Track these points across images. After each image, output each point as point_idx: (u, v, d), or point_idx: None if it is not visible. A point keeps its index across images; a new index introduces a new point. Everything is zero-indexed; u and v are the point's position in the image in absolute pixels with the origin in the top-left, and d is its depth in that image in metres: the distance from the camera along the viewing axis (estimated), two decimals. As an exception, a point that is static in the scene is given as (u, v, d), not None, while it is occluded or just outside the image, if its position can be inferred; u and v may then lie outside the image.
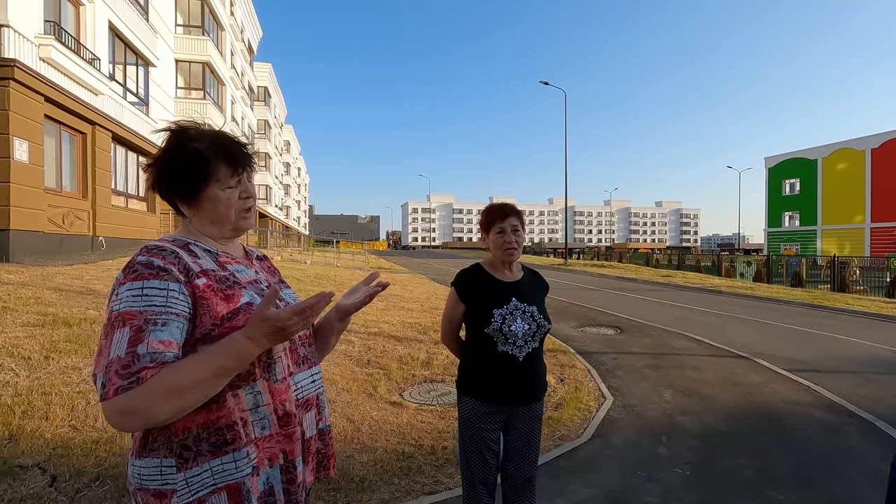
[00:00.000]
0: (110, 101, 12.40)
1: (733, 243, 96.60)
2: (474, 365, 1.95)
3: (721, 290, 15.68)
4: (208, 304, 0.99)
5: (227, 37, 24.83)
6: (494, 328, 1.87)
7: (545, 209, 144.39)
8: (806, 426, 4.14)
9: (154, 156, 1.10)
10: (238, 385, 1.00)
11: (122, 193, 13.66)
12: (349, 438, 3.46)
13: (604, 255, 44.36)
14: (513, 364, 1.88)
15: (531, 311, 1.93)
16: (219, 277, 1.04)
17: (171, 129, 1.10)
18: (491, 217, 2.01)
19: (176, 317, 0.94)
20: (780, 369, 5.91)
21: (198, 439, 0.96)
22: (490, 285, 1.97)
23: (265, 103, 40.02)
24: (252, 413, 1.01)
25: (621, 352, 6.81)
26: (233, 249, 1.18)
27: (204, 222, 1.12)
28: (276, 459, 1.04)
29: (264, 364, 1.04)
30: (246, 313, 1.01)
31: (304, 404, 1.11)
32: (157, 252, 0.99)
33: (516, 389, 1.91)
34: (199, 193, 1.09)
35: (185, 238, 1.09)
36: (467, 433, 1.94)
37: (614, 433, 3.91)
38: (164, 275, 0.96)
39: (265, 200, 39.99)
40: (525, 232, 2.05)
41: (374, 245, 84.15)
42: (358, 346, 5.90)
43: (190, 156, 1.07)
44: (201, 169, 1.07)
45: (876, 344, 7.63)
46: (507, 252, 1.96)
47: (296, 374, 1.10)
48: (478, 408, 1.92)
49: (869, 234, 35.11)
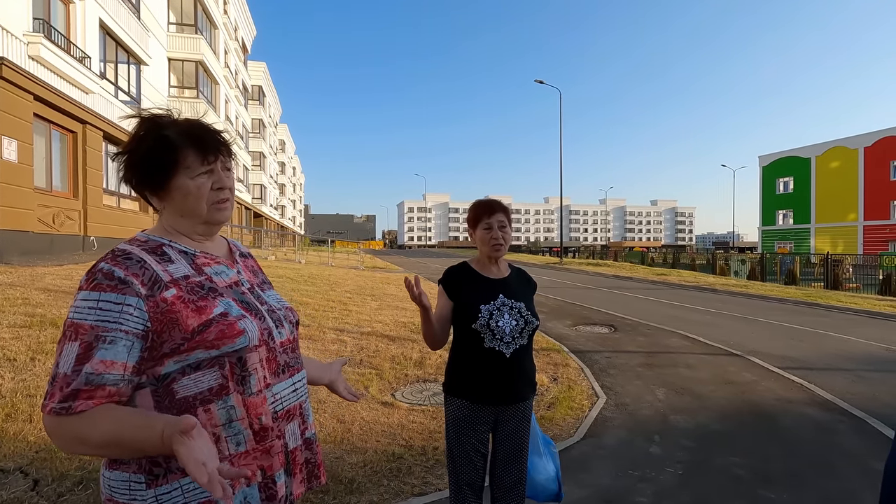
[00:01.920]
0: (101, 99, 12.29)
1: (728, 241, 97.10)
2: (461, 363, 1.93)
3: (715, 288, 15.73)
4: (178, 317, 0.93)
5: (221, 35, 24.69)
6: (481, 323, 1.85)
7: (541, 208, 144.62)
8: (799, 424, 4.13)
9: (123, 144, 1.04)
10: (210, 399, 0.95)
11: (114, 193, 13.55)
12: (339, 440, 3.42)
13: (599, 254, 44.51)
14: (500, 361, 1.86)
15: (518, 307, 1.91)
16: (192, 286, 0.98)
17: (143, 117, 1.05)
18: (478, 213, 1.99)
19: (125, 335, 0.89)
20: (774, 367, 5.91)
21: (168, 456, 0.90)
22: (477, 281, 1.96)
23: (259, 102, 39.84)
24: (225, 429, 0.96)
25: (615, 350, 6.80)
26: (214, 248, 1.12)
27: (174, 216, 1.05)
28: (254, 478, 0.98)
29: (238, 377, 0.98)
30: (219, 324, 0.96)
31: (285, 415, 1.05)
32: (121, 260, 0.93)
33: (504, 387, 1.88)
34: (167, 182, 1.02)
35: (160, 238, 1.03)
36: (454, 435, 1.91)
37: (607, 432, 3.89)
38: (124, 288, 0.90)
39: (260, 200, 39.82)
40: (512, 229, 2.03)
41: (370, 244, 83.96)
42: (350, 346, 5.86)
43: (157, 142, 1.00)
44: (169, 156, 1.00)
45: (868, 341, 7.65)
46: (494, 248, 1.95)
47: (273, 385, 1.03)
48: (465, 409, 1.89)
49: (862, 232, 35.32)
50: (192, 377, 0.94)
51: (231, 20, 27.48)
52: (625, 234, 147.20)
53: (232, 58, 27.90)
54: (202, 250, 1.07)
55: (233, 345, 0.96)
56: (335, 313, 7.78)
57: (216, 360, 0.95)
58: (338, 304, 8.60)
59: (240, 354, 0.98)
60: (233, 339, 0.96)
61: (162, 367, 0.93)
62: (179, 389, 0.93)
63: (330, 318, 7.32)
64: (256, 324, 1.02)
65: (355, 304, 8.88)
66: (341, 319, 7.37)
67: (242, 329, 0.98)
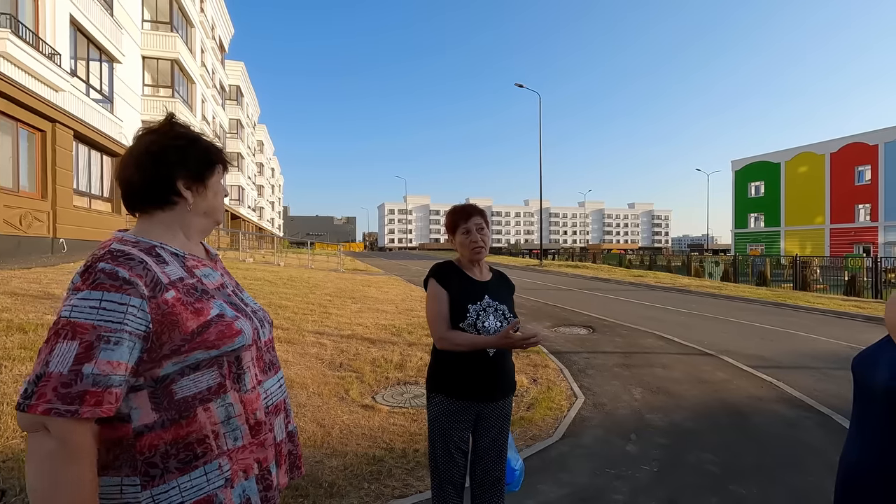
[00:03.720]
0: (72, 98, 11.94)
1: (703, 244, 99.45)
2: (446, 361, 1.96)
3: (690, 289, 16.09)
4: (178, 319, 0.94)
5: (197, 34, 24.24)
6: (469, 322, 1.90)
7: (521, 210, 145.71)
8: (768, 421, 4.27)
9: (180, 127, 1.11)
10: (209, 399, 0.97)
11: (85, 194, 13.18)
12: (319, 443, 3.40)
13: (578, 256, 45.06)
14: (483, 359, 1.91)
15: (503, 309, 1.98)
16: (187, 288, 1.00)
17: (180, 122, 1.14)
18: (455, 219, 2.03)
19: (129, 335, 0.88)
20: (745, 366, 6.09)
21: (166, 456, 0.92)
22: (464, 281, 2.00)
23: (237, 102, 39.23)
24: (224, 425, 0.98)
25: (593, 351, 6.91)
26: (197, 250, 1.14)
27: (196, 214, 1.11)
28: (252, 470, 1.02)
29: (234, 375, 1.01)
30: (217, 325, 0.98)
31: (274, 410, 1.10)
32: (123, 261, 0.92)
33: (486, 384, 1.93)
34: (208, 179, 1.12)
35: (150, 240, 1.03)
36: (436, 433, 1.94)
37: (585, 432, 3.96)
38: (128, 288, 0.89)
39: (238, 201, 39.18)
40: (490, 230, 2.07)
41: (350, 246, 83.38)
42: (330, 349, 5.82)
43: (209, 142, 1.13)
44: (216, 156, 1.13)
45: (834, 340, 7.94)
46: (475, 251, 1.99)
47: (264, 381, 1.09)
48: (448, 406, 1.93)
49: (828, 235, 36.61)
50: (191, 377, 0.96)
51: (208, 18, 27.02)
52: (603, 236, 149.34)
53: (209, 56, 27.42)
54: (189, 252, 1.09)
55: (232, 344, 1.00)
56: (315, 316, 7.71)
57: (215, 359, 0.98)
58: (317, 307, 8.53)
59: (237, 353, 1.02)
60: (232, 339, 1.00)
61: (160, 368, 0.93)
62: (178, 390, 0.94)
63: (309, 321, 7.26)
64: (248, 324, 1.07)
65: (335, 307, 8.81)
66: (321, 322, 7.31)
67: (240, 329, 1.02)
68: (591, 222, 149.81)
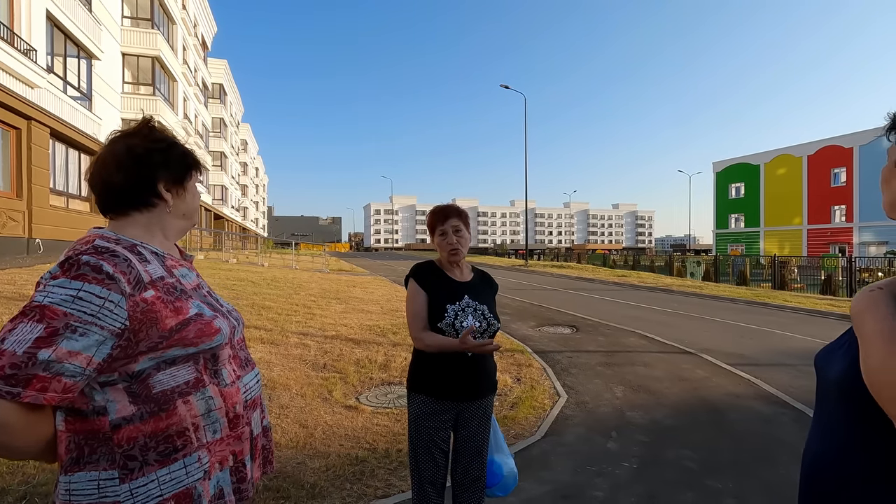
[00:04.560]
0: (48, 94, 11.67)
1: (685, 244, 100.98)
2: (425, 360, 1.97)
3: (672, 289, 16.34)
4: (157, 317, 0.95)
5: (179, 31, 23.86)
6: (447, 322, 1.91)
7: (507, 211, 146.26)
8: (745, 418, 4.37)
9: (159, 131, 1.13)
10: (188, 392, 0.98)
11: (62, 193, 12.89)
12: (301, 444, 3.39)
13: (563, 256, 45.38)
14: (462, 359, 1.92)
15: (482, 309, 1.98)
16: (167, 287, 1.01)
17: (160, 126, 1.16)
18: (434, 220, 2.05)
19: (100, 330, 0.87)
20: (724, 364, 6.21)
21: (145, 449, 0.92)
22: (443, 281, 2.01)
23: (220, 101, 38.68)
24: (204, 418, 1.00)
25: (577, 350, 6.98)
26: (173, 251, 1.15)
27: (175, 215, 1.13)
28: (227, 462, 1.04)
29: (211, 371, 1.03)
30: (196, 323, 1.00)
31: (252, 404, 1.13)
32: (108, 257, 0.92)
33: (465, 384, 1.94)
34: (187, 181, 1.15)
35: (130, 239, 1.03)
36: (416, 432, 1.95)
37: (567, 430, 4.00)
38: (110, 283, 0.89)
39: (221, 201, 38.64)
40: (469, 232, 2.08)
41: (336, 247, 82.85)
42: (314, 350, 5.79)
43: (186, 147, 1.17)
44: (194, 159, 1.16)
45: (810, 338, 8.13)
46: (452, 253, 2.01)
47: (243, 376, 1.12)
48: (427, 405, 1.94)
49: (806, 235, 37.48)
50: (167, 372, 0.97)
51: (190, 16, 26.61)
52: (588, 236, 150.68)
53: (191, 54, 27.01)
54: (168, 252, 1.11)
55: (211, 342, 1.02)
56: (299, 317, 7.66)
57: (191, 356, 1.00)
58: (301, 308, 8.47)
59: (214, 351, 1.04)
60: (211, 337, 1.02)
61: (136, 364, 0.94)
62: (156, 384, 0.95)
63: (293, 322, 7.21)
64: (226, 323, 1.09)
65: (319, 308, 8.76)
66: (305, 323, 7.26)
67: (219, 328, 1.05)
68: (576, 223, 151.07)
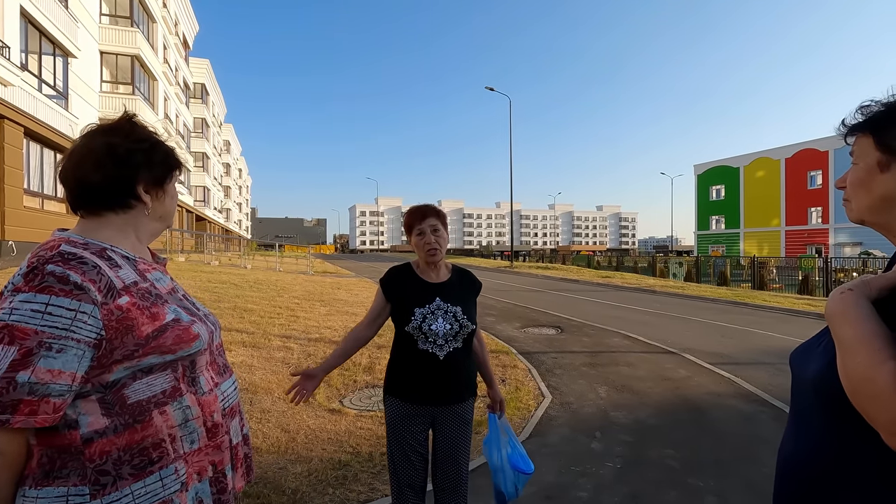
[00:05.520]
0: (22, 93, 11.37)
1: (667, 245, 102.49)
2: (398, 364, 1.96)
3: (655, 289, 16.54)
4: (133, 324, 0.91)
5: (160, 29, 23.45)
6: (414, 326, 1.88)
7: (493, 213, 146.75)
8: (726, 416, 4.43)
9: (142, 129, 1.09)
10: (164, 402, 0.94)
11: (37, 194, 12.56)
12: (283, 449, 3.33)
13: (549, 258, 45.69)
14: (433, 362, 1.89)
15: (454, 311, 1.93)
16: (142, 292, 0.97)
17: (143, 124, 1.12)
18: (410, 220, 2.02)
19: (77, 343, 0.84)
20: (705, 363, 6.30)
21: (118, 462, 0.88)
22: (415, 284, 1.99)
23: (202, 101, 38.15)
24: (181, 428, 0.96)
25: (561, 351, 7.02)
26: (145, 254, 1.11)
27: (152, 218, 1.10)
28: (206, 473, 1.00)
29: (189, 378, 1.00)
30: (173, 329, 0.96)
31: (230, 412, 1.10)
32: (75, 264, 0.87)
33: (437, 388, 1.91)
34: (167, 183, 1.11)
35: (100, 242, 0.98)
36: (392, 436, 1.93)
37: (551, 431, 4.01)
38: (79, 294, 0.85)
39: (203, 203, 38.06)
40: (447, 232, 2.05)
41: (321, 249, 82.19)
42: (297, 353, 5.72)
43: (170, 147, 1.12)
44: (176, 161, 1.12)
45: (788, 337, 8.30)
46: (429, 253, 1.97)
47: (220, 384, 1.09)
48: (402, 409, 1.92)
49: (784, 237, 38.33)
50: (143, 381, 0.93)
51: (171, 14, 26.18)
52: (573, 238, 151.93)
53: (172, 53, 26.56)
54: (140, 256, 1.07)
55: (189, 349, 0.99)
56: (282, 320, 7.56)
57: (169, 364, 0.96)
58: (285, 311, 8.37)
59: (192, 358, 1.01)
60: (189, 344, 0.99)
61: (110, 374, 0.90)
62: (131, 394, 0.91)
63: (276, 325, 7.12)
64: (204, 328, 1.06)
65: (303, 310, 8.66)
66: (288, 326, 7.17)
67: (197, 333, 1.02)
68: (561, 224, 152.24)
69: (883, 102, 0.84)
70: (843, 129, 0.89)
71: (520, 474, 2.06)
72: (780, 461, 0.97)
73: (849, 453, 0.78)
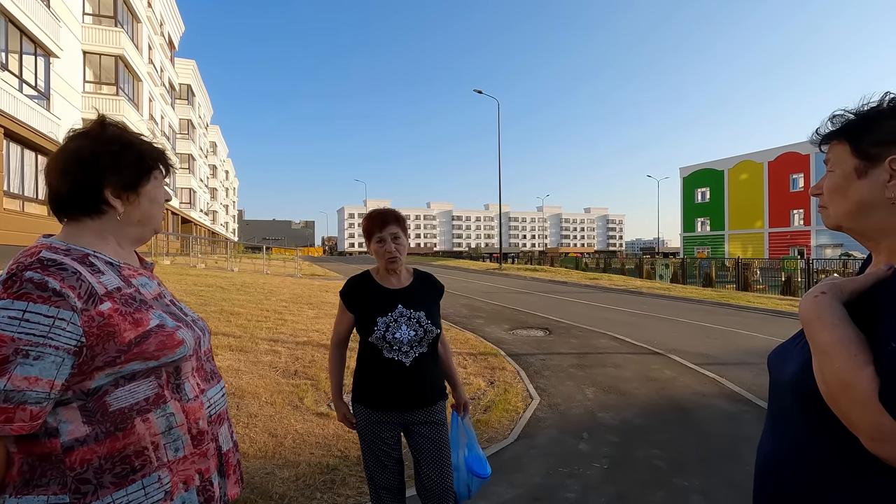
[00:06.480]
0: (2, 93, 11.15)
1: (654, 247, 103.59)
2: (364, 372, 1.95)
3: (642, 290, 16.71)
4: (115, 330, 0.89)
5: (145, 30, 23.17)
6: (377, 336, 1.86)
7: (482, 215, 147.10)
8: (711, 416, 4.49)
9: (113, 129, 1.05)
10: (147, 409, 0.92)
11: (17, 196, 12.31)
12: (270, 454, 3.31)
13: (537, 260, 45.90)
14: (400, 370, 1.87)
15: (418, 316, 1.91)
16: (125, 298, 0.95)
17: (118, 124, 1.08)
18: (370, 226, 1.95)
19: (55, 350, 0.83)
20: (691, 364, 6.38)
21: (100, 471, 0.87)
22: (375, 293, 1.94)
23: (188, 102, 37.74)
24: (164, 436, 0.94)
25: (549, 352, 7.05)
26: (131, 259, 1.09)
27: (128, 223, 1.05)
28: (192, 481, 0.98)
29: (173, 385, 0.98)
30: (157, 335, 0.94)
31: (217, 419, 1.08)
32: (55, 271, 0.86)
33: (405, 394, 1.90)
34: (141, 187, 1.06)
35: (81, 248, 0.97)
36: (365, 443, 1.93)
37: (539, 432, 4.03)
38: (58, 301, 0.84)
39: (189, 205, 37.61)
40: (408, 238, 2.00)
41: (309, 251, 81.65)
42: (285, 357, 5.67)
43: (144, 146, 1.07)
44: (150, 161, 1.07)
45: (772, 337, 8.43)
46: (389, 261, 1.92)
47: (207, 390, 1.07)
48: (371, 416, 1.91)
49: (767, 238, 38.98)
50: (126, 388, 0.91)
51: (156, 14, 25.88)
52: (561, 240, 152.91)
53: (157, 54, 26.25)
54: (125, 261, 1.05)
55: (173, 355, 0.97)
56: (269, 323, 7.50)
57: (152, 370, 0.94)
58: (272, 314, 8.30)
59: (177, 364, 0.99)
60: (173, 350, 0.97)
61: (92, 381, 0.88)
62: (113, 402, 0.90)
63: (263, 329, 7.05)
64: (190, 333, 1.04)
65: (291, 313, 8.60)
66: (275, 329, 7.11)
67: (182, 339, 0.99)
68: (549, 226, 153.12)
69: (856, 111, 0.86)
70: (817, 138, 0.92)
71: (474, 477, 2.08)
72: (759, 460, 0.99)
73: (826, 453, 0.80)
